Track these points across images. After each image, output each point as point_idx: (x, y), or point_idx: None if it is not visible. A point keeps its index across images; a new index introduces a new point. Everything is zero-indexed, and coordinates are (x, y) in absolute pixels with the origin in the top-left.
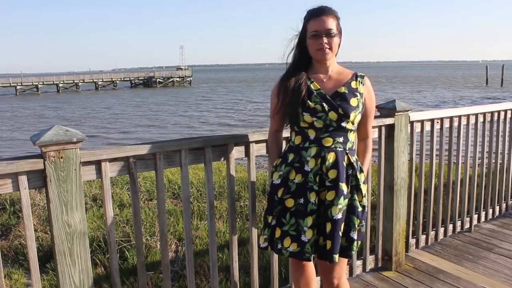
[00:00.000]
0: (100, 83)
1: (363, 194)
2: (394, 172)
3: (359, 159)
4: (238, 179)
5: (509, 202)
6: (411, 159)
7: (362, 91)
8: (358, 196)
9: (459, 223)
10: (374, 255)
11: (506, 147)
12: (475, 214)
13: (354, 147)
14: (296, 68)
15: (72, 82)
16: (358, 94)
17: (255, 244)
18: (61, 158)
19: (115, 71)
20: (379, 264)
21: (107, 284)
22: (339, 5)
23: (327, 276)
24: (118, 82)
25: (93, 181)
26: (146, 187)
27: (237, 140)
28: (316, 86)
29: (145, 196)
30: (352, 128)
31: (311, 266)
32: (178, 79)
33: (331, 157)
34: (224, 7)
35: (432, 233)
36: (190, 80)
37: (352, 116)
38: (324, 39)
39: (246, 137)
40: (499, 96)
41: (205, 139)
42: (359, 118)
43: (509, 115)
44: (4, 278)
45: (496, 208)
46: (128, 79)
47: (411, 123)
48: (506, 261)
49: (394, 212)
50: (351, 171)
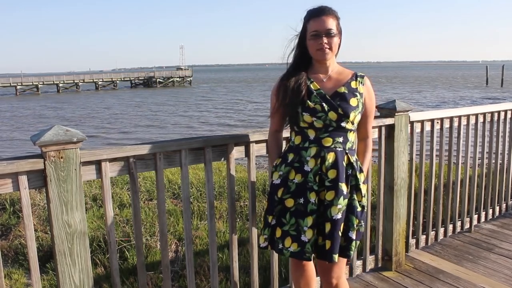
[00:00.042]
0: (100, 83)
1: (362, 194)
2: (394, 172)
3: (359, 159)
4: (238, 179)
5: (509, 202)
6: (411, 159)
7: (362, 91)
8: (357, 196)
9: (459, 223)
10: (374, 255)
11: (506, 148)
12: (475, 214)
13: (354, 147)
14: (296, 68)
15: (72, 82)
16: (358, 94)
17: (255, 244)
18: (61, 158)
19: (115, 71)
20: (379, 264)
21: (107, 284)
22: (339, 5)
23: (326, 276)
24: (118, 82)
25: (93, 181)
26: (146, 187)
27: (237, 140)
28: (316, 86)
29: (145, 196)
30: (352, 128)
31: (311, 266)
32: (178, 79)
33: (331, 157)
34: (224, 7)
35: (432, 233)
36: (190, 80)
37: (352, 116)
38: (324, 39)
39: (246, 137)
40: (499, 97)
41: (205, 139)
42: (359, 118)
43: (509, 115)
44: (4, 278)
45: (496, 208)
46: (128, 79)
47: (411, 123)
48: (506, 261)
49: (394, 212)
50: (350, 171)
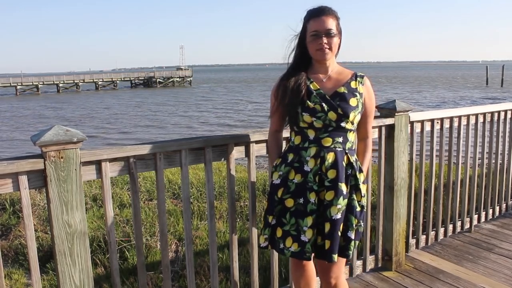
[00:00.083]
0: (100, 83)
1: (362, 194)
2: (394, 172)
3: (359, 159)
4: (238, 179)
5: (509, 202)
6: (411, 159)
7: (362, 91)
8: (356, 196)
9: (459, 223)
10: (374, 255)
11: (506, 148)
12: (475, 214)
13: (354, 147)
14: (296, 68)
15: (72, 82)
16: (357, 94)
17: (255, 244)
18: (61, 158)
19: (115, 71)
20: (379, 264)
21: (107, 284)
22: (339, 5)
23: (324, 275)
24: (118, 82)
25: (93, 181)
26: (146, 187)
27: (237, 140)
28: (316, 86)
29: (145, 196)
30: (352, 128)
31: (311, 266)
32: (178, 79)
33: (331, 157)
34: (224, 7)
35: (432, 233)
36: (190, 80)
37: (351, 116)
38: (324, 39)
39: (247, 137)
40: (499, 97)
41: (205, 139)
42: (358, 118)
43: (509, 115)
44: (4, 278)
45: (496, 208)
46: (128, 79)
47: (411, 123)
48: (506, 261)
49: (394, 212)
50: (350, 171)
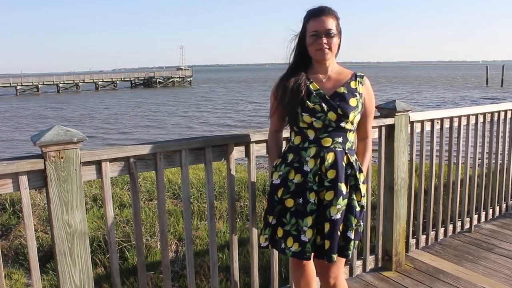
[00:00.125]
0: (100, 83)
1: (362, 194)
2: (394, 172)
3: (359, 159)
4: (238, 179)
5: (509, 203)
6: (411, 159)
7: (362, 91)
8: (356, 195)
9: (459, 223)
10: (374, 255)
11: (506, 148)
12: (475, 214)
13: (354, 147)
14: (296, 68)
15: (72, 82)
16: (357, 94)
17: (255, 244)
18: (61, 158)
19: (115, 71)
20: (379, 264)
21: (107, 284)
22: (339, 5)
23: (324, 275)
24: (118, 82)
25: (93, 181)
26: (146, 187)
27: (237, 140)
28: (316, 86)
29: (145, 196)
30: (352, 128)
31: (312, 266)
32: (178, 79)
33: (330, 157)
34: (224, 7)
35: (432, 233)
36: (190, 80)
37: (351, 116)
38: (324, 39)
39: (247, 137)
40: (499, 97)
41: (205, 139)
42: (358, 118)
43: (509, 115)
44: (4, 278)
45: (496, 208)
46: (128, 79)
47: (411, 123)
48: (506, 261)
49: (394, 212)
50: (350, 171)
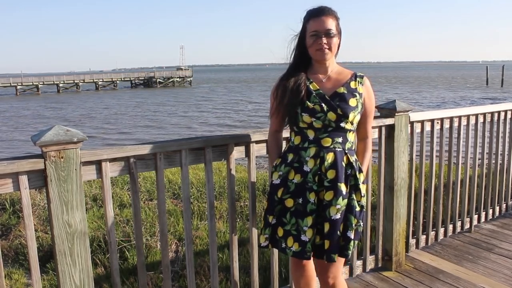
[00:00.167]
0: (100, 83)
1: (362, 194)
2: (394, 172)
3: (359, 159)
4: (238, 179)
5: (509, 203)
6: (411, 160)
7: (361, 91)
8: (356, 195)
9: (459, 224)
10: (374, 255)
11: (506, 148)
12: (475, 214)
13: (354, 147)
14: (296, 68)
15: (72, 82)
16: (357, 94)
17: (255, 244)
18: (61, 158)
19: (115, 71)
20: (379, 264)
21: (107, 284)
22: (339, 5)
23: (323, 275)
24: (118, 82)
25: (93, 181)
26: (146, 187)
27: (237, 140)
28: (315, 87)
29: (145, 196)
30: (351, 128)
31: (312, 266)
32: (178, 79)
33: (330, 157)
34: (224, 7)
35: (432, 233)
36: (190, 80)
37: (351, 116)
38: (324, 39)
39: (247, 137)
40: (499, 97)
41: (205, 139)
42: (358, 118)
43: (509, 115)
44: (4, 278)
45: (496, 208)
46: (128, 79)
47: (411, 123)
48: (506, 261)
49: (394, 212)
50: (350, 171)
